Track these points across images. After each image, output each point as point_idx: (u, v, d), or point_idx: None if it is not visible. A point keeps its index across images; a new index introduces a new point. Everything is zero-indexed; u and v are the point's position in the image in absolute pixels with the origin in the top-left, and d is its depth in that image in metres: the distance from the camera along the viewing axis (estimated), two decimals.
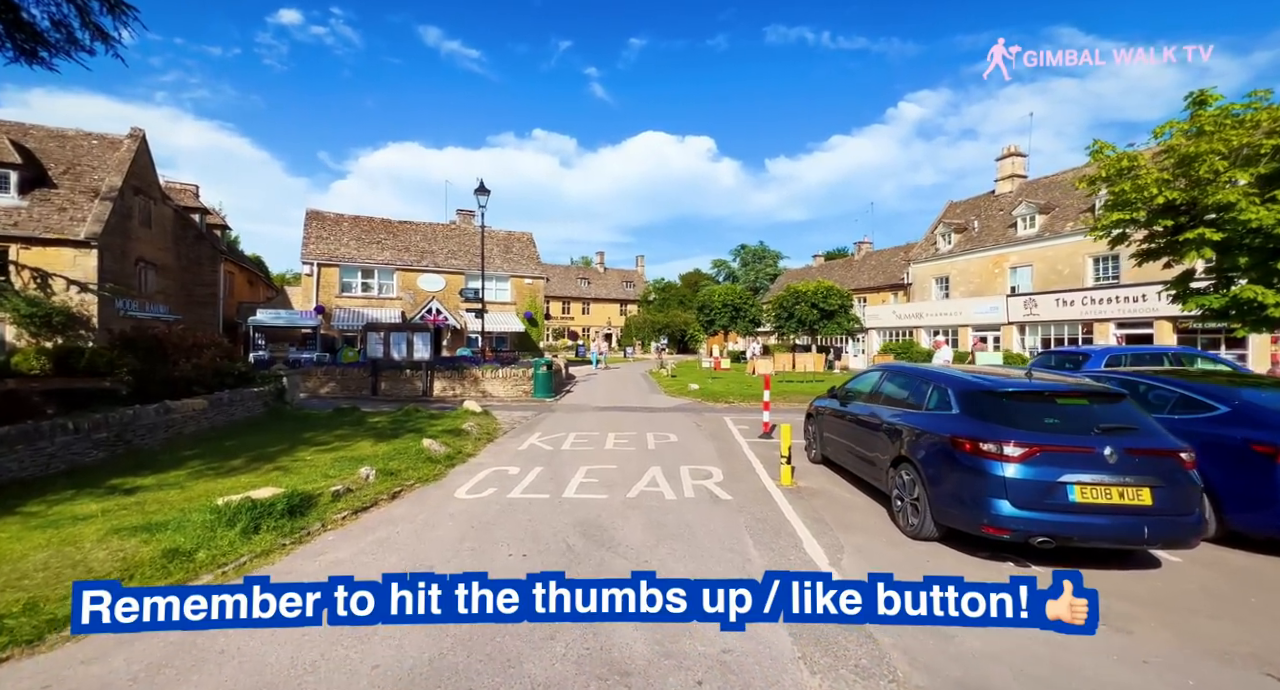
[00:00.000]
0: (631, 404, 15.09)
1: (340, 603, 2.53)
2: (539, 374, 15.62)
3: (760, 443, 9.61)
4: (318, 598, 2.53)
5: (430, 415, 11.67)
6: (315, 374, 15.97)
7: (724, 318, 35.79)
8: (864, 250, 45.57)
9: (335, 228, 27.39)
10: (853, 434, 6.59)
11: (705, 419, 12.49)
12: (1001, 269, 29.38)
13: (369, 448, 8.39)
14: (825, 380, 19.53)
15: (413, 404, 14.30)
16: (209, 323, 23.10)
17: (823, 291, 29.85)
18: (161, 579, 3.84)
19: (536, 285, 30.88)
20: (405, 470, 7.04)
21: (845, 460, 6.88)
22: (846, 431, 6.79)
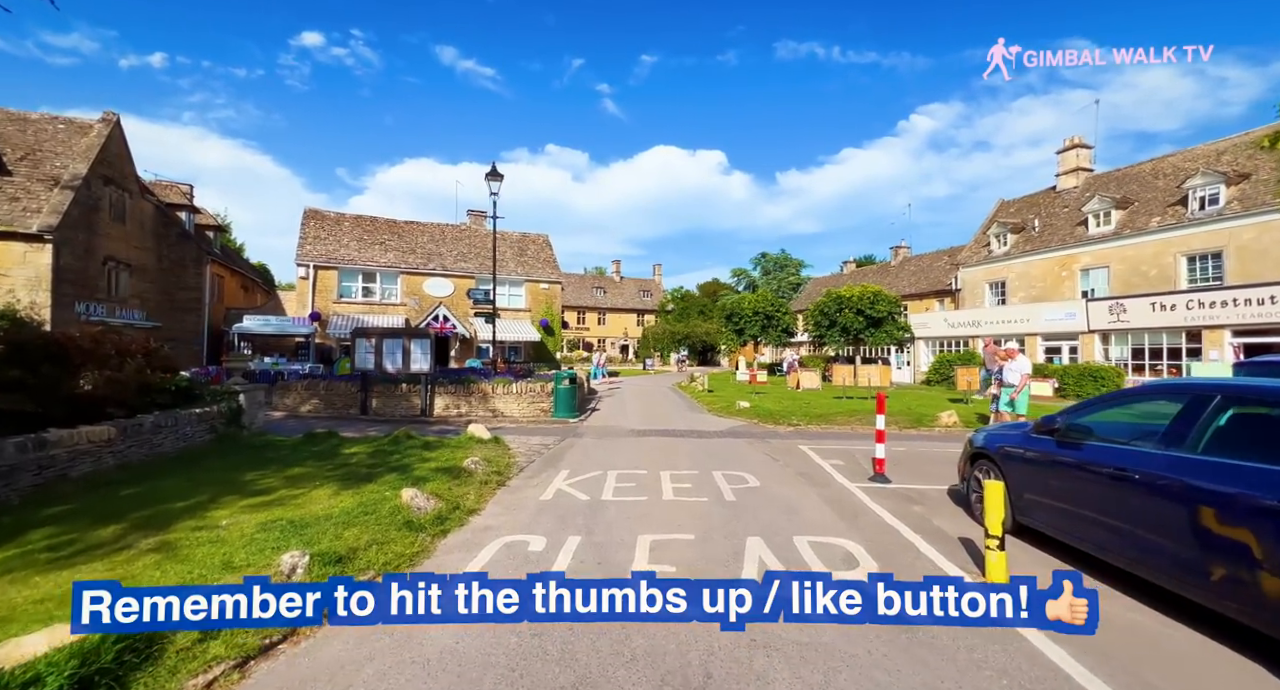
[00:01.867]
0: (675, 426, 12.33)
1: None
2: (560, 390, 12.95)
3: (879, 489, 6.81)
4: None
5: (425, 444, 9.03)
6: (295, 389, 13.44)
7: (754, 327, 33.01)
8: (901, 255, 42.64)
9: (335, 228, 25.19)
10: (1120, 501, 3.81)
11: (777, 448, 9.70)
12: (1070, 271, 26.34)
13: (325, 500, 5.74)
14: (887, 397, 16.66)
15: (407, 426, 11.68)
16: (192, 330, 20.84)
17: (869, 296, 26.98)
18: None
19: (553, 291, 28.39)
20: (366, 550, 4.37)
21: (1090, 538, 4.10)
22: (1100, 496, 4.00)
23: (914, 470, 7.90)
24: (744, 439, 10.83)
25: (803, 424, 12.35)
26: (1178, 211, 22.42)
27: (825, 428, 12.05)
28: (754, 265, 72.20)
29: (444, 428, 11.72)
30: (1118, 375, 18.83)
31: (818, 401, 15.91)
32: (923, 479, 7.43)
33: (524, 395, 13.32)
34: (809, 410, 13.87)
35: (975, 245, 32.85)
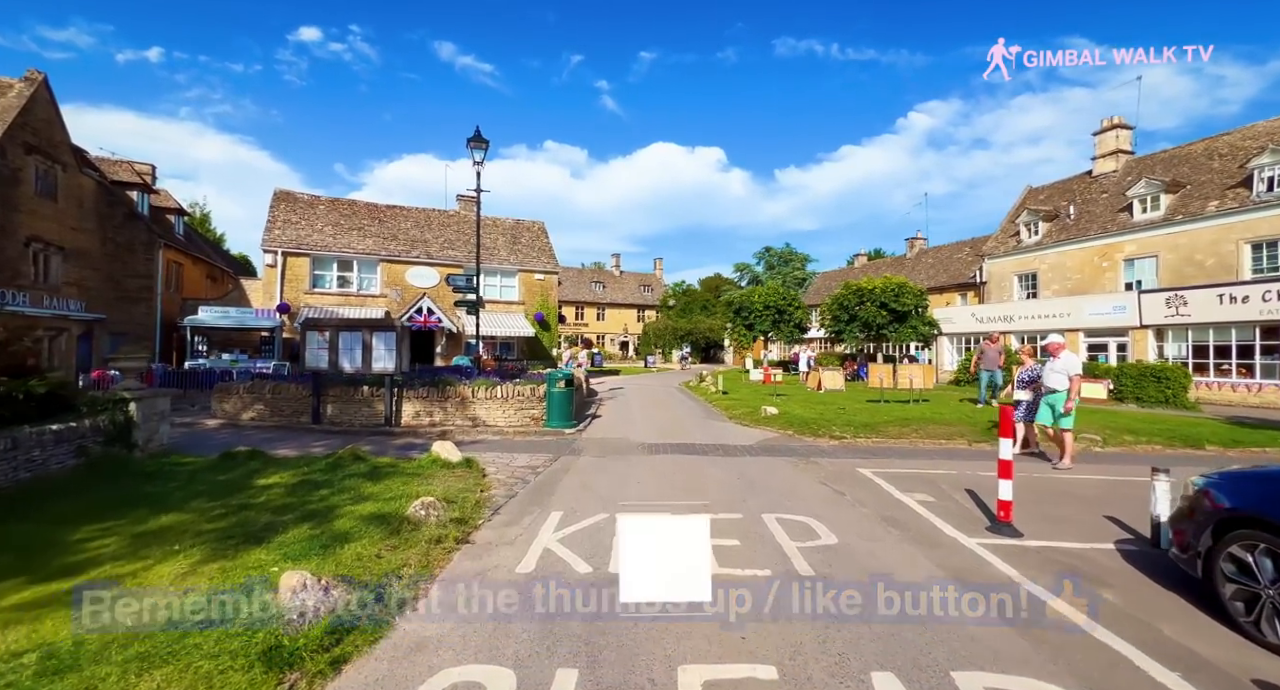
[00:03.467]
0: (695, 439, 10.14)
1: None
2: (554, 393, 10.75)
3: (1018, 552, 4.64)
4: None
5: (372, 469, 6.82)
6: (237, 392, 11.21)
7: (765, 322, 30.82)
8: (918, 247, 40.46)
9: (308, 211, 22.88)
10: None
11: (831, 472, 7.51)
12: (1112, 261, 24.19)
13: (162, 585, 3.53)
14: (929, 400, 14.45)
15: (365, 440, 9.48)
16: (142, 323, 18.56)
17: (893, 288, 24.80)
18: None
19: (549, 282, 26.14)
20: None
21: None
22: None
23: (1033, 510, 5.72)
24: (783, 457, 8.64)
25: (849, 436, 10.16)
26: (1239, 194, 20.26)
27: (878, 442, 9.86)
28: (757, 260, 69.93)
29: (410, 442, 9.51)
30: (1184, 376, 16.70)
31: (853, 406, 13.74)
32: (1060, 527, 5.26)
33: (511, 400, 11.10)
34: (849, 418, 11.69)
35: (1002, 235, 30.67)
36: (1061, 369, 8.01)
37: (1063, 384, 7.94)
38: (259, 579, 3.56)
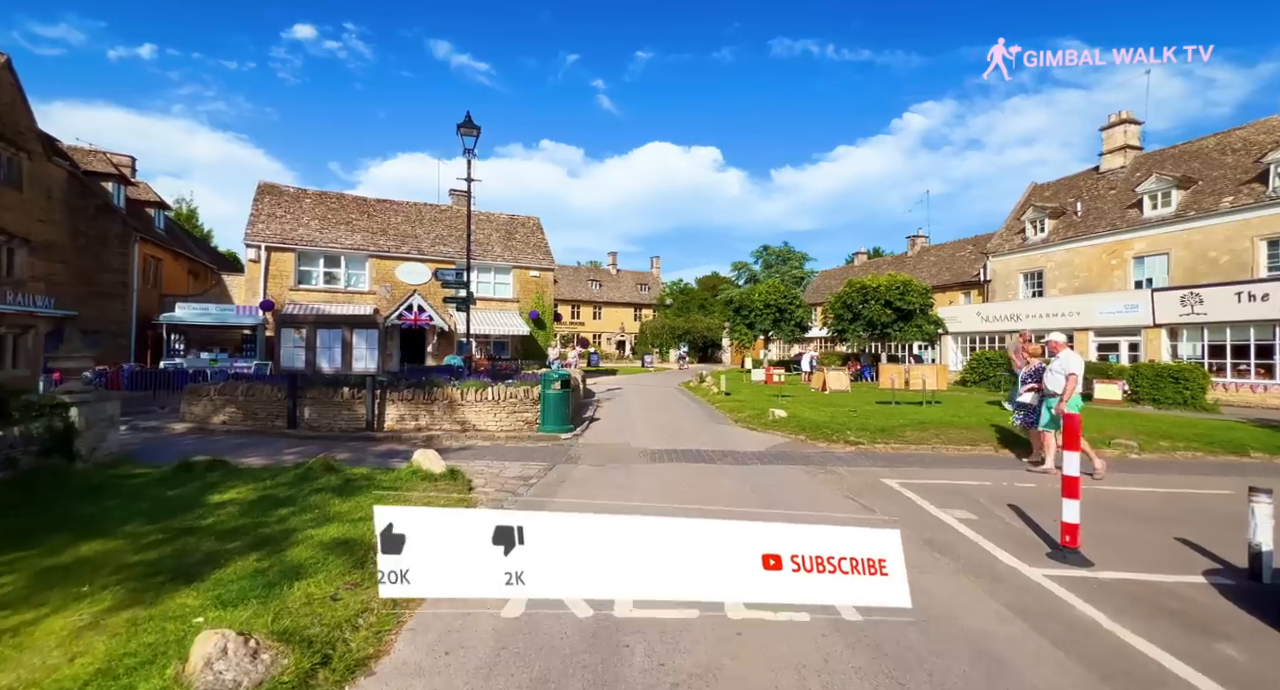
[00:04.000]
0: (701, 445, 9.43)
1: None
2: (549, 395, 10.01)
3: (1095, 586, 3.95)
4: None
5: (344, 481, 6.07)
6: (207, 395, 10.41)
7: (766, 321, 30.17)
8: (919, 245, 39.89)
9: (294, 205, 22.00)
10: None
11: (854, 484, 6.81)
12: (1121, 259, 23.65)
13: (31, 659, 2.78)
14: (941, 402, 13.76)
15: (341, 448, 8.73)
16: (117, 320, 17.69)
17: (899, 286, 24.21)
18: None
19: (544, 279, 25.37)
20: None
21: None
22: None
23: (1087, 528, 5.02)
24: (798, 466, 7.94)
25: (865, 442, 9.46)
26: (1255, 190, 19.71)
27: (897, 448, 9.17)
28: (755, 259, 69.23)
29: (392, 449, 8.75)
30: (1203, 376, 16.10)
31: (864, 409, 13.07)
32: (1129, 552, 4.58)
33: (503, 402, 10.36)
34: (863, 421, 11.01)
35: (1006, 232, 30.12)
36: (1060, 368, 7.27)
37: (1058, 385, 7.24)
38: (174, 638, 2.82)
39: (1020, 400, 8.20)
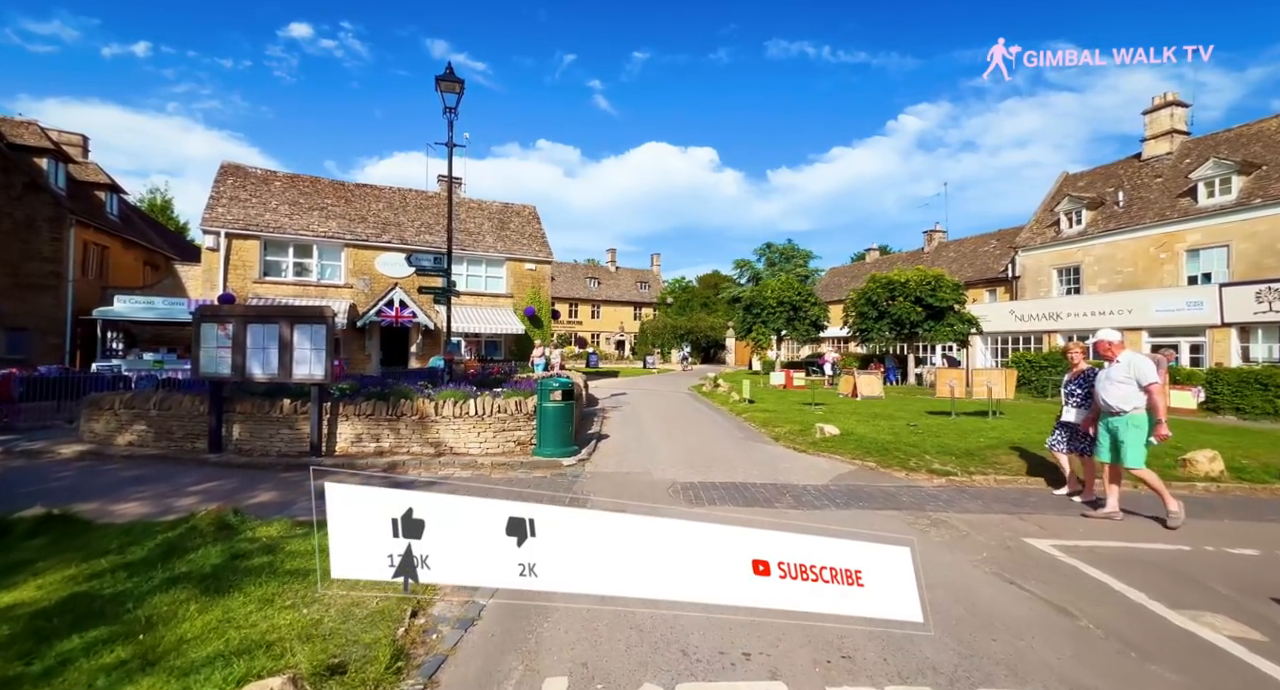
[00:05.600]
0: (743, 476, 7.27)
1: None
2: (547, 409, 7.84)
3: None
4: None
5: (226, 561, 3.88)
6: (111, 407, 8.18)
7: (778, 319, 28.04)
8: (936, 240, 37.89)
9: (261, 188, 19.72)
10: None
11: (993, 549, 4.65)
12: (1171, 252, 21.63)
13: None
14: (1003, 412, 11.52)
15: (268, 484, 6.54)
16: (48, 316, 15.39)
17: (929, 281, 22.15)
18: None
19: (541, 272, 23.15)
20: None
21: None
22: None
23: None
24: (890, 511, 5.79)
25: (956, 472, 7.32)
26: None
27: (1003, 481, 7.03)
28: (758, 257, 67.18)
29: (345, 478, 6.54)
30: None
31: (922, 422, 10.98)
32: None
33: (489, 417, 8.17)
34: (937, 441, 8.90)
35: (1037, 225, 28.11)
36: (1125, 377, 5.25)
37: (1128, 400, 5.24)
38: None
39: (1065, 418, 6.23)
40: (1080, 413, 6.05)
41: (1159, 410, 5.20)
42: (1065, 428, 6.26)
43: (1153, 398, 5.19)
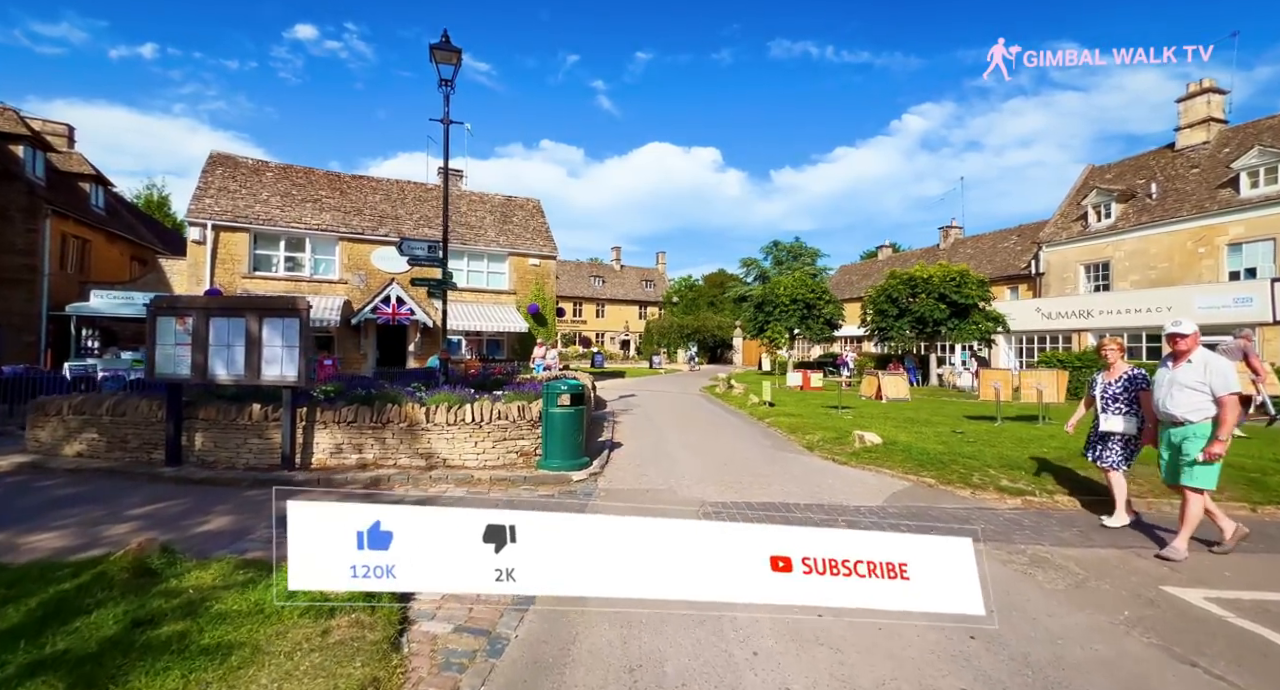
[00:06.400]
0: (785, 495, 6.23)
1: None
2: (554, 416, 6.84)
3: None
4: None
5: (129, 627, 2.87)
6: (59, 413, 7.21)
7: (792, 317, 26.95)
8: (952, 236, 36.76)
9: (252, 178, 18.78)
10: None
11: (1138, 610, 3.60)
12: (1211, 245, 20.50)
13: None
14: (1051, 418, 10.46)
15: (226, 506, 5.55)
16: (21, 312, 14.47)
17: (954, 277, 21.06)
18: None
19: (545, 268, 22.16)
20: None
21: None
22: None
23: None
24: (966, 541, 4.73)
25: (1032, 489, 6.27)
26: None
27: (1090, 503, 5.97)
28: (765, 255, 66.01)
29: (319, 497, 5.55)
30: None
31: (968, 428, 9.93)
32: None
33: (487, 425, 7.16)
34: (993, 451, 7.87)
35: (1062, 220, 26.97)
36: (1198, 381, 4.28)
37: (1199, 410, 4.29)
38: None
39: (1107, 427, 5.19)
40: (1130, 421, 5.05)
41: (1225, 426, 4.19)
42: (1115, 441, 5.17)
43: (1224, 411, 4.19)
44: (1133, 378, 5.14)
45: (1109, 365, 5.39)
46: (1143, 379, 5.06)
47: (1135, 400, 5.06)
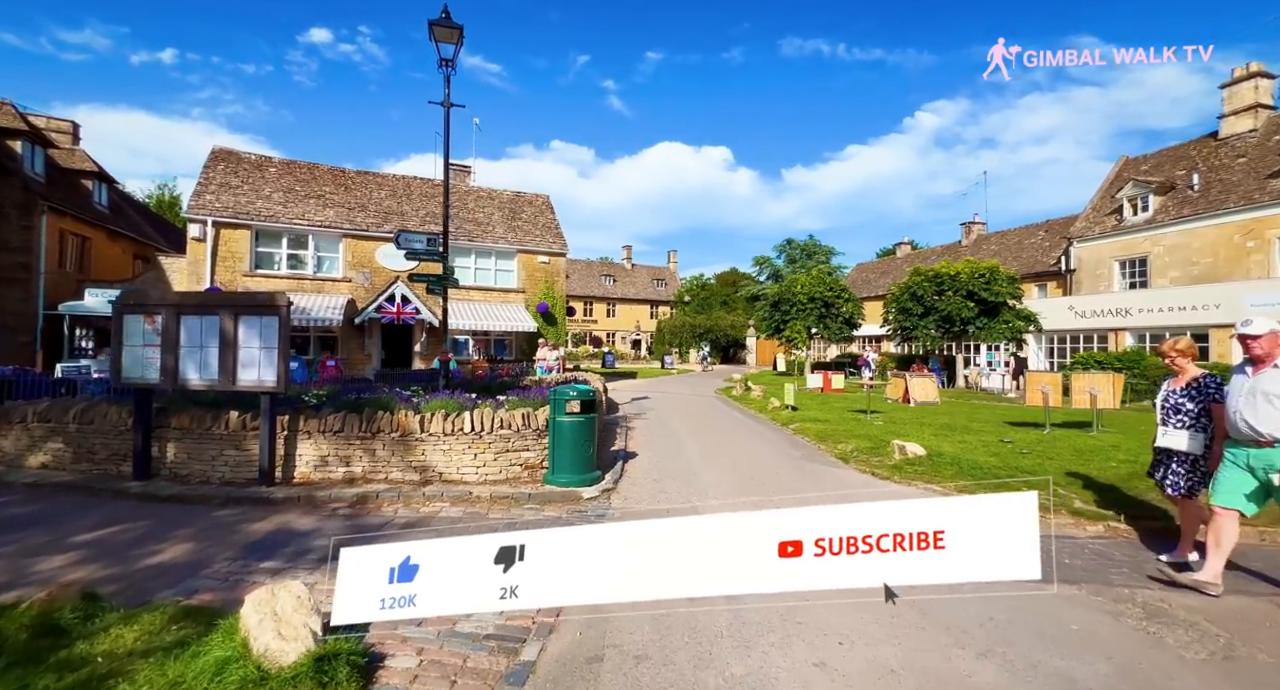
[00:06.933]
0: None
1: None
2: (563, 425, 6.10)
3: None
4: None
5: None
6: (23, 421, 6.61)
7: (810, 316, 26.05)
8: (975, 232, 35.55)
9: (254, 174, 18.30)
10: None
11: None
12: (1261, 239, 19.27)
13: None
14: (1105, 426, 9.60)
15: (191, 530, 4.87)
16: (16, 312, 14.06)
17: (982, 274, 20.06)
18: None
19: (555, 265, 21.47)
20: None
21: None
22: None
23: None
24: (1057, 585, 3.90)
25: (1111, 510, 5.42)
26: None
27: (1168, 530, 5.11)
28: (778, 253, 64.88)
29: (289, 526, 4.86)
30: None
31: (1017, 436, 9.05)
32: None
33: (488, 434, 6.44)
34: (1053, 465, 7.00)
35: (1095, 213, 25.75)
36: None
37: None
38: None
39: (1164, 443, 4.30)
40: (1195, 439, 4.12)
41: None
42: (1178, 460, 4.23)
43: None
44: (1202, 385, 4.20)
45: (1180, 371, 4.46)
46: (1215, 386, 4.12)
47: (1204, 412, 4.13)
